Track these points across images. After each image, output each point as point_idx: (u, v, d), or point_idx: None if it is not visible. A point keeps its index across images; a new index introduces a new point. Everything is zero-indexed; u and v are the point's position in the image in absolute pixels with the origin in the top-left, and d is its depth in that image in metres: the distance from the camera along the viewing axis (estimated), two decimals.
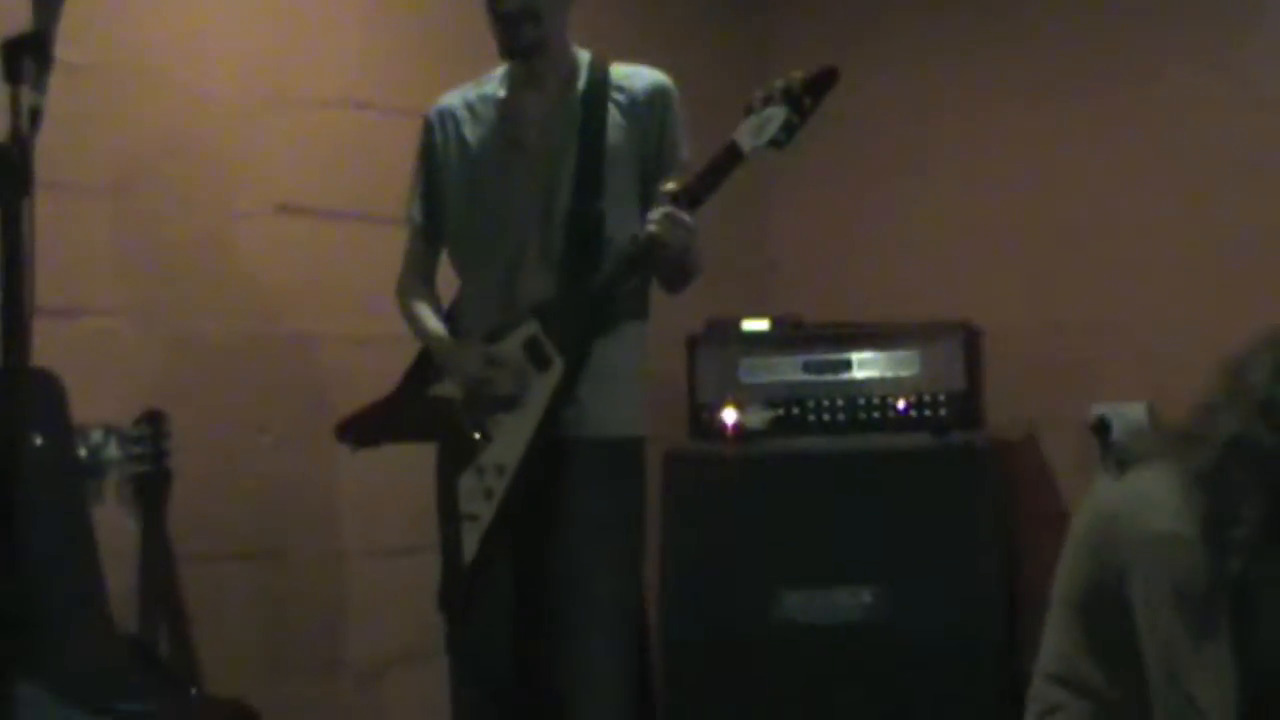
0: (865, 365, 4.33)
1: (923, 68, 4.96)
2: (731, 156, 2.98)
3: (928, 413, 4.25)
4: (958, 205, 4.88)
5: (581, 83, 3.19)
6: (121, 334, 3.61)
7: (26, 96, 2.11)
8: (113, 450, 3.45)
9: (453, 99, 3.31)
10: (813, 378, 4.35)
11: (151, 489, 3.43)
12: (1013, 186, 4.77)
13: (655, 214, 2.97)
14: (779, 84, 2.99)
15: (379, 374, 3.39)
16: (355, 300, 3.98)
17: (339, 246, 4.00)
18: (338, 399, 3.78)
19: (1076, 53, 4.67)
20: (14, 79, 2.10)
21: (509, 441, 3.08)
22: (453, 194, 3.29)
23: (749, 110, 2.99)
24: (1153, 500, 2.52)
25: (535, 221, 3.16)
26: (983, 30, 4.87)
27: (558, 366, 3.07)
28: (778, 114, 2.96)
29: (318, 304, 3.97)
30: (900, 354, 4.30)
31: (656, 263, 3.06)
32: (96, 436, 3.44)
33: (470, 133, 3.25)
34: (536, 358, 3.09)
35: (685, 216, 2.94)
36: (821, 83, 2.99)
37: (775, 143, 2.98)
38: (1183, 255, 4.39)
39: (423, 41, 4.21)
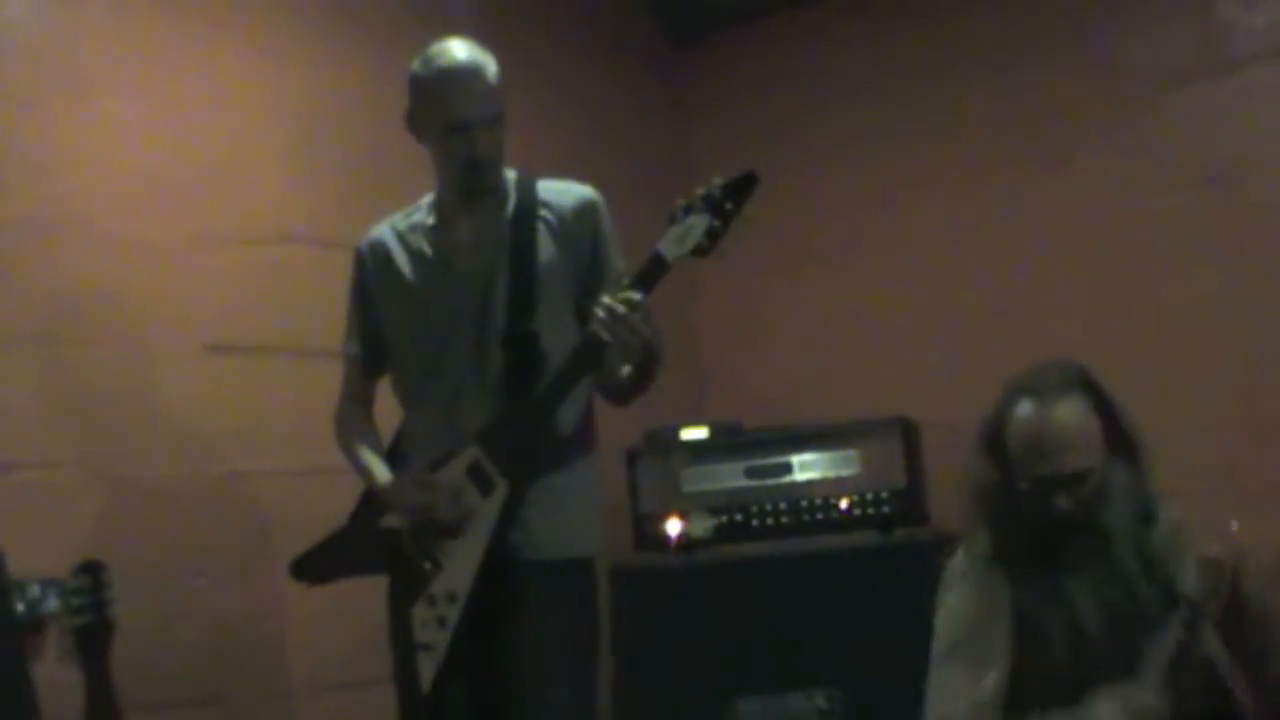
0: (806, 467, 4.34)
1: (844, 164, 5.05)
2: (657, 266, 2.98)
3: (871, 511, 4.26)
4: (886, 298, 4.94)
5: (510, 204, 3.20)
6: (56, 485, 3.57)
7: None
8: (52, 603, 3.39)
9: (382, 230, 3.31)
10: (755, 483, 4.36)
11: (93, 640, 3.36)
12: (940, 276, 4.83)
13: (598, 309, 2.96)
14: (700, 191, 2.99)
15: (318, 507, 3.36)
16: (290, 435, 3.95)
17: (271, 382, 3.99)
18: (278, 535, 3.78)
19: (998, 142, 4.76)
20: None
21: (459, 568, 3.05)
22: (388, 325, 3.28)
23: (672, 219, 2.99)
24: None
25: (471, 346, 3.15)
26: (904, 125, 4.95)
27: (501, 489, 3.05)
28: (700, 221, 2.96)
29: (252, 441, 3.94)
30: (840, 454, 4.32)
31: (601, 362, 3.05)
32: (34, 590, 3.38)
33: (402, 262, 3.24)
34: (480, 482, 3.07)
35: (621, 308, 2.92)
36: (742, 187, 2.99)
37: (699, 250, 2.97)
38: (1110, 334, 4.43)
39: (346, 174, 4.22)
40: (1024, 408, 2.79)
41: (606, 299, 2.94)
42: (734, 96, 5.33)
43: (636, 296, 2.93)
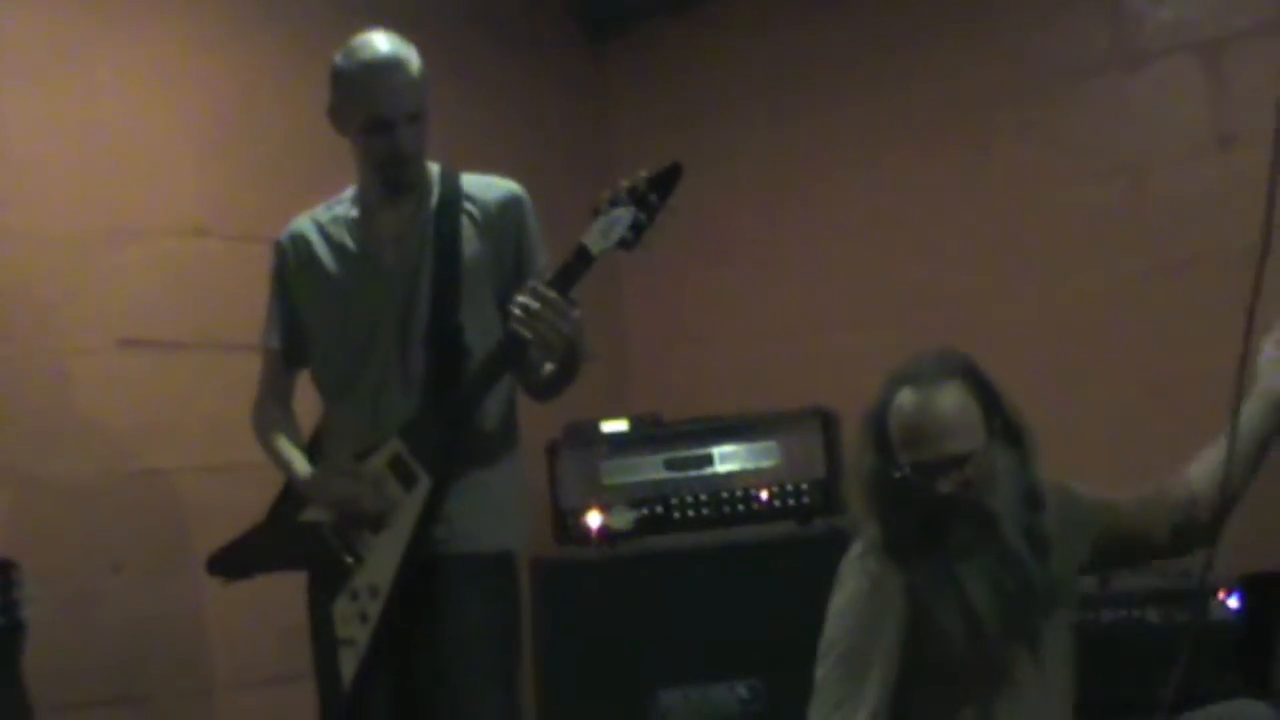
0: (726, 459, 4.34)
1: (763, 156, 5.05)
2: (581, 260, 2.97)
3: (791, 501, 4.27)
4: (804, 290, 4.95)
5: (434, 198, 3.18)
6: None
7: None
8: None
9: (303, 222, 3.28)
10: (675, 474, 4.35)
11: (4, 642, 3.30)
12: (857, 267, 4.85)
13: (514, 306, 2.94)
14: (624, 184, 2.98)
15: (234, 503, 3.35)
16: (205, 430, 3.94)
17: (186, 377, 3.97)
18: (194, 532, 3.77)
19: (913, 134, 4.77)
20: None
21: (381, 562, 3.03)
22: (310, 318, 3.25)
23: (596, 211, 2.98)
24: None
25: (395, 341, 3.13)
26: (821, 116, 4.95)
27: (424, 484, 3.04)
28: (625, 214, 2.95)
29: (167, 437, 3.92)
30: (760, 445, 4.32)
31: (522, 360, 3.04)
32: None
33: (324, 255, 3.22)
34: (403, 476, 3.05)
35: (537, 305, 2.90)
36: (666, 180, 2.98)
37: (624, 243, 2.97)
38: (1026, 322, 4.47)
39: (262, 167, 4.20)
40: (904, 396, 2.82)
41: (523, 296, 2.92)
42: (653, 88, 5.33)
43: (552, 294, 2.92)
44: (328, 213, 3.27)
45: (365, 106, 3.06)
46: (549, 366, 3.10)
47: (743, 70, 5.13)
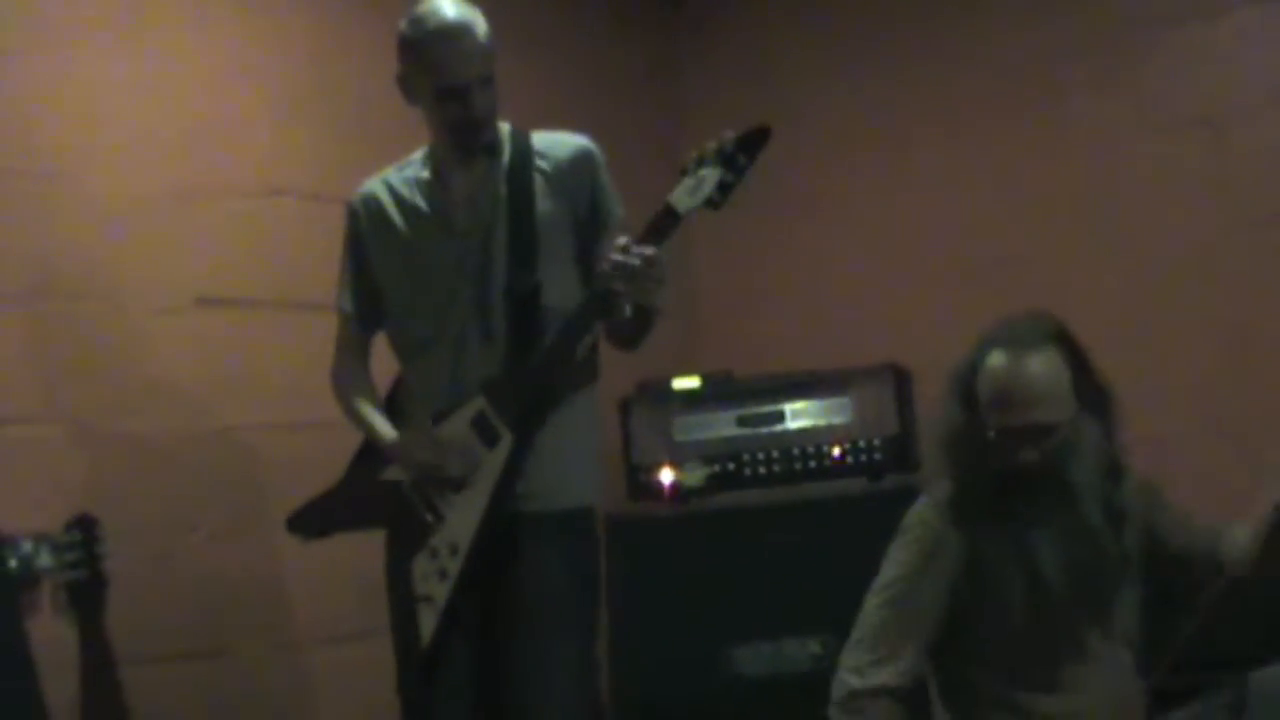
0: (798, 415, 4.34)
1: (836, 114, 5.02)
2: (668, 218, 2.97)
3: (863, 458, 4.27)
4: (878, 247, 4.92)
5: (505, 157, 3.18)
6: (47, 440, 3.57)
7: None
8: (45, 559, 3.37)
9: (375, 184, 3.28)
10: (747, 431, 4.36)
11: (87, 595, 3.36)
12: (931, 224, 4.81)
13: (605, 263, 2.95)
14: (712, 144, 2.98)
15: (312, 461, 3.36)
16: (283, 389, 3.95)
17: (262, 336, 3.98)
18: (271, 489, 3.78)
19: (988, 88, 4.74)
20: None
21: (461, 520, 3.05)
22: (385, 280, 3.26)
23: (683, 171, 2.99)
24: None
25: (473, 300, 3.14)
26: (895, 74, 4.92)
27: (506, 442, 3.04)
28: (712, 174, 2.96)
29: (244, 395, 3.94)
30: (832, 401, 4.32)
31: (610, 314, 3.04)
32: (27, 546, 3.37)
33: (397, 216, 3.22)
34: (485, 434, 3.06)
35: (634, 260, 2.90)
36: (754, 141, 2.98)
37: (711, 202, 2.97)
38: (1102, 280, 4.43)
39: (336, 126, 4.21)
40: (995, 358, 2.80)
41: (618, 254, 2.92)
42: (726, 45, 5.30)
43: (649, 250, 2.92)
44: (399, 174, 3.27)
45: (435, 74, 3.05)
46: (629, 315, 3.09)
47: (816, 26, 5.10)
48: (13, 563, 3.32)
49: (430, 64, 3.05)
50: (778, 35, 5.19)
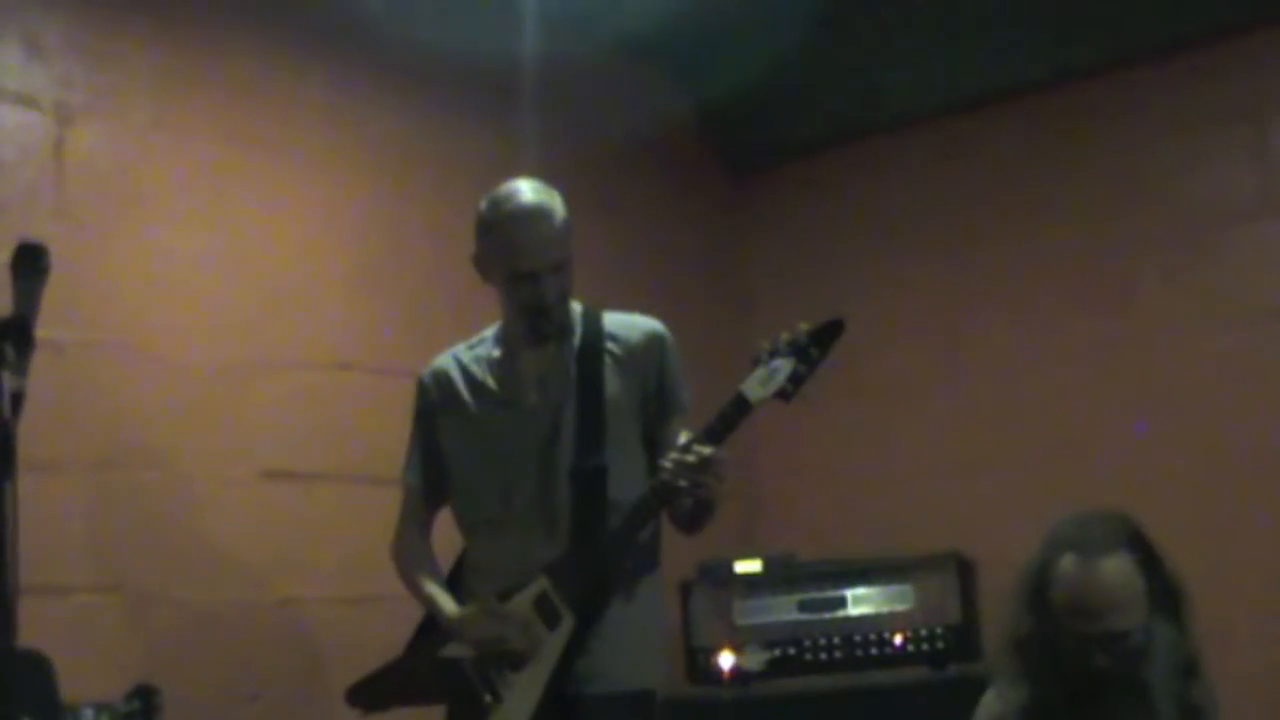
0: (860, 601, 4.31)
1: (901, 296, 5.03)
2: (739, 408, 2.98)
3: (925, 647, 4.22)
4: (940, 432, 4.90)
5: (577, 337, 3.20)
6: (110, 609, 3.59)
7: (8, 380, 2.12)
8: None
9: (445, 360, 3.31)
10: (808, 616, 4.32)
11: None
12: (997, 412, 4.79)
13: (666, 460, 2.95)
14: (785, 336, 3.00)
15: (371, 635, 3.37)
16: (344, 562, 3.97)
17: (326, 509, 4.00)
18: (329, 662, 3.78)
19: (1058, 277, 4.73)
20: None
21: (520, 701, 3.02)
22: (452, 456, 3.26)
23: (756, 361, 3.00)
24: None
25: (539, 480, 3.14)
26: (962, 258, 4.94)
27: (568, 623, 3.03)
28: (785, 365, 2.97)
29: (306, 568, 3.95)
30: (894, 588, 4.29)
31: (671, 506, 3.04)
32: (88, 715, 3.34)
33: (466, 394, 3.24)
34: (547, 615, 3.04)
35: (692, 459, 2.90)
36: (828, 333, 3.00)
37: (783, 394, 2.98)
38: (1166, 472, 4.37)
39: (404, 302, 4.27)
40: (1068, 563, 2.73)
41: (679, 453, 2.93)
42: (791, 229, 5.35)
43: (707, 450, 2.92)
44: (470, 351, 3.29)
45: (510, 258, 3.09)
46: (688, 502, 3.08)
47: (881, 211, 5.14)
48: None
49: (505, 247, 3.09)
50: (840, 217, 5.23)
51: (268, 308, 4.01)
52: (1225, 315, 4.41)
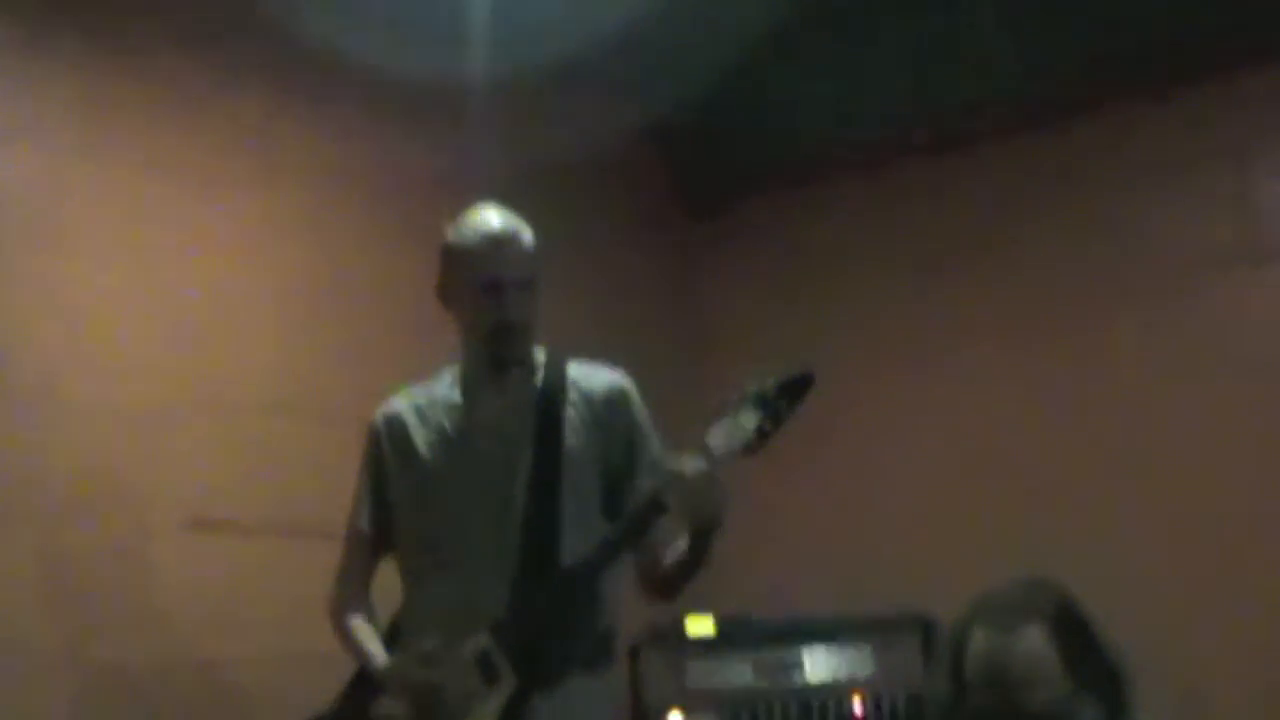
0: (818, 665, 4.23)
1: (861, 342, 4.94)
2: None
3: (887, 713, 4.13)
4: (904, 482, 4.82)
5: (539, 379, 3.12)
6: (33, 667, 3.45)
7: None
8: None
9: (400, 403, 3.20)
10: (764, 683, 4.24)
11: None
12: (967, 463, 4.70)
13: (661, 471, 2.89)
14: (752, 388, 2.91)
15: (301, 696, 3.17)
16: (272, 618, 3.83)
17: (255, 562, 3.87)
18: None
19: (1029, 325, 4.67)
20: None
21: None
22: (400, 502, 3.15)
23: (720, 413, 2.91)
24: None
25: (489, 532, 3.03)
26: (925, 302, 4.86)
27: (507, 684, 2.91)
28: (750, 419, 2.88)
29: (232, 624, 3.81)
30: (855, 650, 4.21)
31: (649, 528, 2.93)
32: None
33: (420, 439, 3.12)
34: (487, 672, 2.92)
35: (690, 469, 2.82)
36: (797, 387, 2.92)
37: (748, 448, 2.89)
38: (1150, 534, 4.30)
39: (343, 345, 4.15)
40: (978, 637, 2.61)
41: (672, 463, 2.86)
42: (752, 265, 5.30)
43: (704, 464, 2.83)
44: (425, 394, 3.19)
45: (477, 272, 3.02)
46: (679, 546, 2.99)
47: (841, 251, 5.08)
48: None
49: (472, 262, 3.03)
50: (802, 256, 5.17)
51: (194, 347, 3.88)
52: (1201, 368, 4.34)
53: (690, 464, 2.83)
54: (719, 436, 2.87)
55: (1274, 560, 4.13)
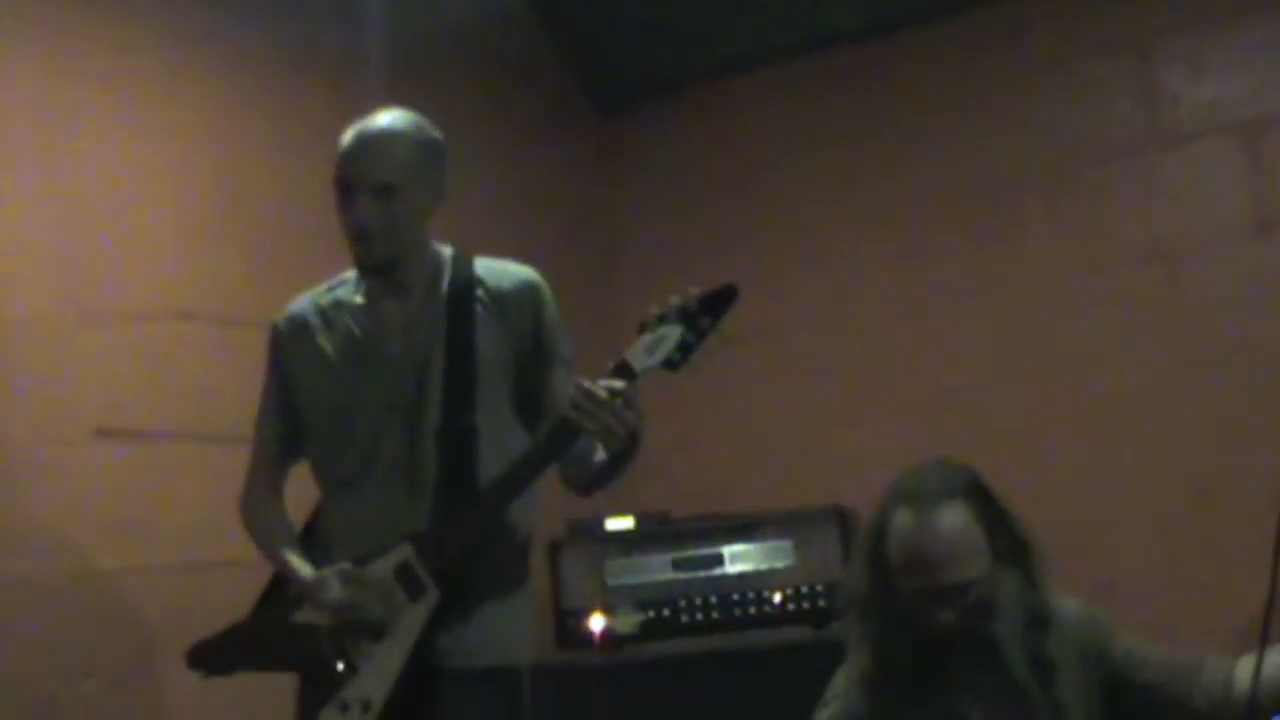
0: (737, 559, 4.22)
1: (774, 238, 4.93)
2: (623, 376, 2.82)
3: (806, 605, 4.14)
4: (820, 381, 4.80)
5: (445, 283, 3.03)
6: None
7: None
8: None
9: (303, 304, 3.12)
10: (683, 575, 4.23)
11: None
12: (881, 358, 4.71)
13: (572, 393, 2.78)
14: (675, 301, 2.85)
15: (213, 604, 3.15)
16: (185, 527, 3.78)
17: (164, 470, 3.80)
18: (168, 636, 3.54)
19: (935, 216, 4.66)
20: None
21: (376, 674, 2.86)
22: (308, 408, 3.08)
23: (643, 327, 2.85)
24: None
25: (403, 439, 2.97)
26: (837, 199, 4.84)
27: (431, 596, 2.87)
28: (672, 333, 2.83)
29: (143, 534, 3.74)
30: (773, 544, 4.20)
31: (566, 449, 2.87)
32: None
33: (325, 341, 3.05)
34: (409, 585, 2.88)
35: (602, 392, 2.74)
36: (720, 300, 2.87)
37: (669, 363, 2.84)
38: (1053, 419, 4.34)
39: (246, 248, 4.06)
40: (901, 517, 2.68)
41: (585, 382, 2.78)
42: (662, 165, 5.23)
43: (619, 384, 2.77)
44: (329, 295, 3.11)
45: (336, 174, 2.95)
46: (600, 456, 2.93)
47: (755, 148, 5.03)
48: None
49: (336, 163, 2.96)
50: (715, 153, 5.12)
51: (99, 254, 3.77)
52: (1108, 254, 4.36)
53: (605, 385, 2.77)
54: (640, 351, 2.83)
55: (1176, 439, 4.17)
